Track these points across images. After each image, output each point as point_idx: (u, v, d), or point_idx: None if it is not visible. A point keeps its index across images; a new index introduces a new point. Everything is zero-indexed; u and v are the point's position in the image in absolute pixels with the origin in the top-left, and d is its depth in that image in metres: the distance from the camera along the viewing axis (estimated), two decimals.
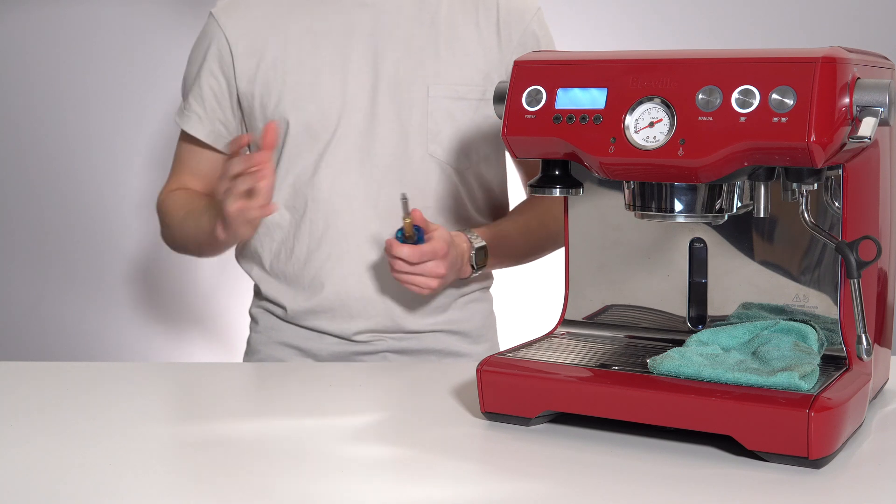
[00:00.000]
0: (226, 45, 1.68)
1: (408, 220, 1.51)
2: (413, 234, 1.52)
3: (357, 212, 1.66)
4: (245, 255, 1.78)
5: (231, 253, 1.81)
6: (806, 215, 1.20)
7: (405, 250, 1.50)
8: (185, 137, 1.78)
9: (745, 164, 1.13)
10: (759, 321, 1.28)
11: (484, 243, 1.65)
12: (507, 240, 1.70)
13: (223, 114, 1.72)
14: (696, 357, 1.20)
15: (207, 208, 1.66)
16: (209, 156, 1.76)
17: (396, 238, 1.52)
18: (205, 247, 1.72)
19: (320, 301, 1.69)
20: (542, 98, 1.22)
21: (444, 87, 1.66)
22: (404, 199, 1.50)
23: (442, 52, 1.67)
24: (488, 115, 1.69)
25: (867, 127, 1.10)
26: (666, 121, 1.14)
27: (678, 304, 1.34)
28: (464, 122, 1.68)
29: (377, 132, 1.65)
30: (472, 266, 1.64)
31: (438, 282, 1.54)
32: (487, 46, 1.69)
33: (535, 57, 1.27)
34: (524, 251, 1.75)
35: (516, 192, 1.85)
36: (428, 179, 1.68)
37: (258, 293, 1.80)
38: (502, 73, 1.69)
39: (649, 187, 1.20)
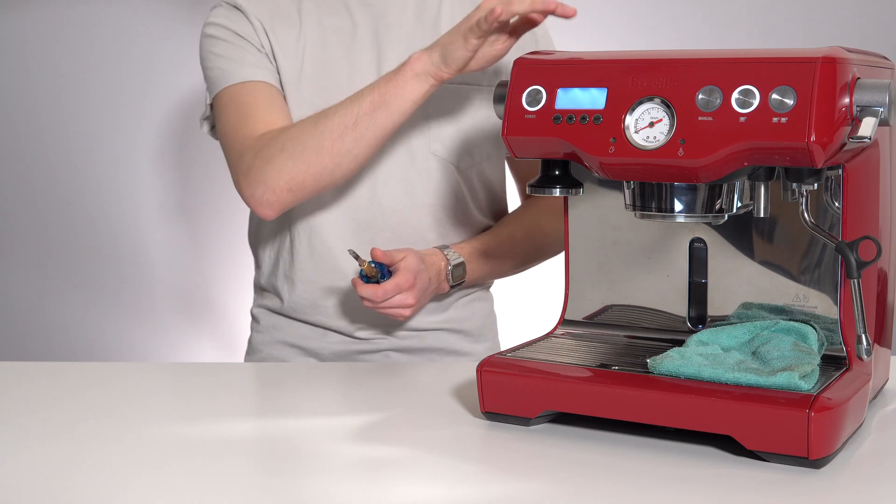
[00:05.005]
0: (249, 26, 1.64)
1: (366, 264, 1.51)
2: (375, 272, 1.51)
3: (362, 209, 1.67)
4: (256, 243, 1.78)
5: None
6: (806, 215, 1.20)
7: (367, 291, 1.50)
8: (235, 93, 1.62)
9: (746, 164, 1.13)
10: (759, 321, 1.28)
11: (461, 260, 1.65)
12: (490, 253, 1.70)
13: (271, 63, 1.65)
14: (696, 357, 1.20)
15: (365, 87, 1.52)
16: (277, 93, 1.64)
17: (360, 278, 1.52)
18: (361, 124, 1.50)
19: (322, 293, 1.70)
20: (542, 98, 1.22)
21: (445, 87, 1.66)
22: (352, 253, 1.49)
23: None
24: (490, 115, 1.69)
25: (867, 127, 1.10)
26: (666, 121, 1.14)
27: (678, 304, 1.34)
28: (466, 120, 1.68)
29: None
30: (450, 283, 1.65)
31: (410, 310, 1.54)
32: None
33: (535, 57, 1.27)
34: (511, 264, 1.75)
35: (513, 192, 1.85)
36: (431, 178, 1.68)
37: (259, 290, 1.80)
38: (501, 73, 1.69)
39: (649, 187, 1.20)
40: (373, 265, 1.51)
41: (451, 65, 1.46)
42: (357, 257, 1.49)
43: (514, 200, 1.85)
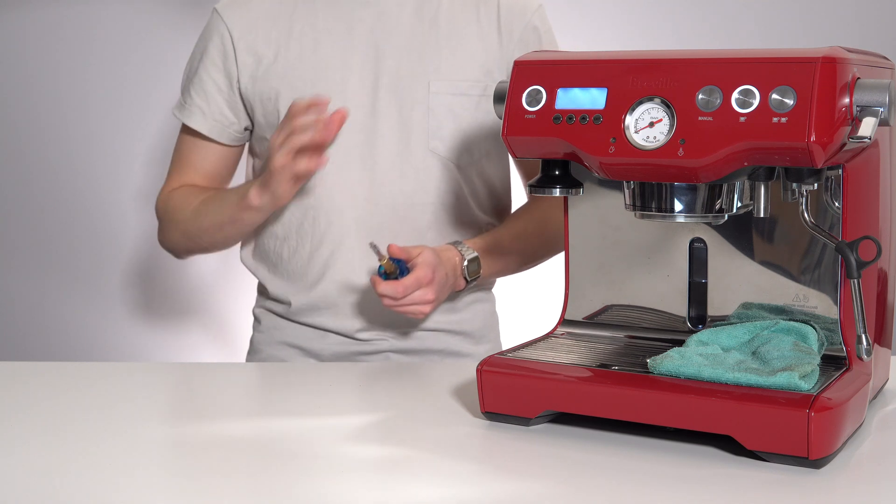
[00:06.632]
0: (229, 40, 1.69)
1: (385, 260, 1.50)
2: (394, 269, 1.51)
3: (360, 208, 1.67)
4: (249, 253, 1.79)
5: (235, 252, 1.82)
6: (806, 215, 1.20)
7: (388, 288, 1.50)
8: (187, 132, 1.77)
9: (746, 164, 1.13)
10: (759, 321, 1.28)
11: (476, 255, 1.65)
12: (501, 249, 1.70)
13: (225, 108, 1.72)
14: (696, 357, 1.20)
15: (229, 190, 1.68)
16: (213, 149, 1.76)
17: (379, 275, 1.52)
18: (226, 228, 1.68)
19: (323, 297, 1.70)
20: (542, 98, 1.22)
21: (445, 83, 1.66)
22: (374, 247, 1.49)
23: (443, 49, 1.67)
24: (489, 112, 1.69)
25: (867, 127, 1.10)
26: (666, 121, 1.14)
27: (678, 304, 1.34)
28: (465, 118, 1.68)
29: (379, 129, 1.66)
30: (466, 279, 1.64)
31: (430, 306, 1.54)
32: (488, 42, 1.69)
33: (535, 57, 1.27)
34: (521, 259, 1.75)
35: (519, 190, 1.85)
36: (430, 176, 1.68)
37: (262, 292, 1.80)
38: (503, 69, 1.69)
39: (649, 187, 1.20)
40: (391, 261, 1.51)
41: (279, 200, 1.59)
42: (378, 251, 1.49)
43: (517, 199, 1.84)
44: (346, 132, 1.65)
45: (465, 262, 1.63)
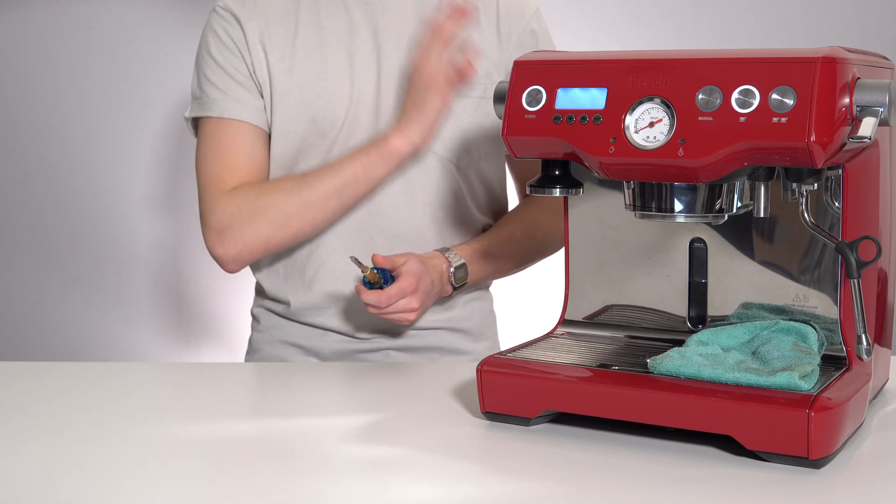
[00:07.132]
0: (240, 32, 1.67)
1: (368, 270, 1.51)
2: (378, 278, 1.52)
3: (360, 208, 1.67)
4: None
5: None
6: (806, 215, 1.20)
7: (371, 297, 1.50)
8: (221, 128, 1.67)
9: (746, 164, 1.13)
10: (759, 321, 1.28)
11: (463, 262, 1.65)
12: (490, 254, 1.70)
13: (259, 96, 1.67)
14: (696, 357, 1.20)
15: (347, 157, 1.61)
16: (260, 137, 1.68)
17: (364, 284, 1.52)
18: (345, 193, 1.60)
19: (323, 296, 1.70)
20: (542, 98, 1.22)
21: None
22: (354, 260, 1.50)
23: None
24: (489, 113, 1.70)
25: (867, 127, 1.10)
26: (666, 121, 1.14)
27: (678, 304, 1.34)
28: (465, 119, 1.69)
29: (381, 129, 1.66)
30: (453, 285, 1.65)
31: (415, 314, 1.55)
32: (487, 45, 1.70)
33: (535, 57, 1.27)
34: (511, 263, 1.75)
35: (514, 190, 1.85)
36: (430, 176, 1.68)
37: (260, 292, 1.80)
38: (502, 72, 1.70)
39: (649, 187, 1.20)
40: (375, 271, 1.51)
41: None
42: (359, 264, 1.50)
43: (514, 199, 1.85)
44: (352, 131, 1.66)
45: (452, 269, 1.64)
